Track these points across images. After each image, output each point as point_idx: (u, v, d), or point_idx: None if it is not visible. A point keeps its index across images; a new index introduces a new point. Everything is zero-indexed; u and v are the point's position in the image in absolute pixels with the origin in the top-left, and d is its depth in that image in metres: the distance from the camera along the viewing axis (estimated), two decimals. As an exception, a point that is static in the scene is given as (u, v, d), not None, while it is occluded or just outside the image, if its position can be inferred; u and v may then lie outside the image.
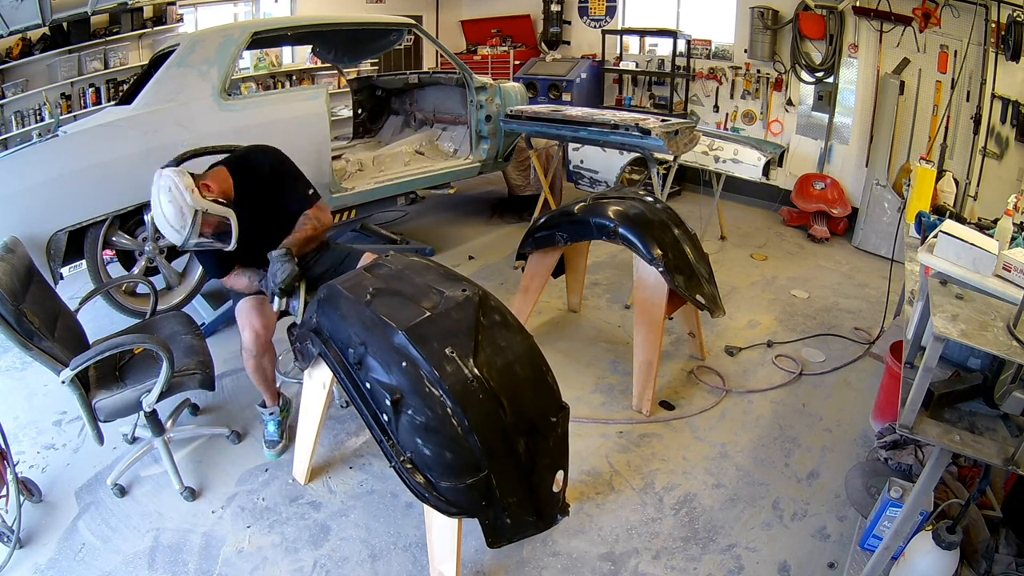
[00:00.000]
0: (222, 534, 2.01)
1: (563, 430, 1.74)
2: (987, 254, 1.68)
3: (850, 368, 3.02)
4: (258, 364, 2.26)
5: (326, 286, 1.90)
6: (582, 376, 2.89)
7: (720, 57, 5.64)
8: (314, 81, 6.75)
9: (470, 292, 1.75)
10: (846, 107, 4.89)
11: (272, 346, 2.31)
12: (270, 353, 2.30)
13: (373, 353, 1.63)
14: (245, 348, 2.24)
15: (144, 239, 3.09)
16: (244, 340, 2.23)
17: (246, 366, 2.27)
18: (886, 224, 4.38)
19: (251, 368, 2.27)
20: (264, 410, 2.39)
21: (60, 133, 2.83)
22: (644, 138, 3.41)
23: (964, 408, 1.45)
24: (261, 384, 2.32)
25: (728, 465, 2.36)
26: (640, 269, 2.54)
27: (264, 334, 2.23)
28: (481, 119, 4.35)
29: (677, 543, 2.01)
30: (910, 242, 2.28)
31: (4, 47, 4.93)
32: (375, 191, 3.88)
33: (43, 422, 2.55)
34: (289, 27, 3.76)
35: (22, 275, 1.94)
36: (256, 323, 2.22)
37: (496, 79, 4.61)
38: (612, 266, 4.14)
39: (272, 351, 2.31)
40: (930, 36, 4.24)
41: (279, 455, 2.36)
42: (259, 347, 2.23)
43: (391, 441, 1.59)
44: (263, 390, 2.35)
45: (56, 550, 1.94)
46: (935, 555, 1.53)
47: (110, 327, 2.51)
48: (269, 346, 2.28)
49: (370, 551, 1.96)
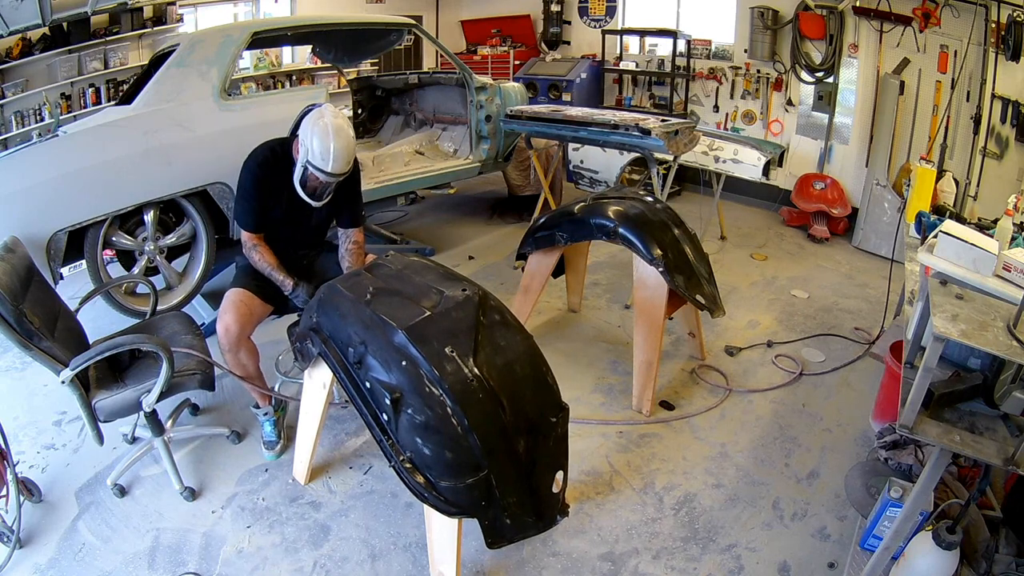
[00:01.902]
0: (222, 534, 2.01)
1: (563, 430, 1.74)
2: (987, 254, 1.68)
3: (850, 368, 3.02)
4: (235, 360, 2.22)
5: (326, 285, 1.90)
6: (582, 376, 2.89)
7: (720, 57, 5.64)
8: (314, 81, 6.75)
9: (470, 292, 1.75)
10: (846, 107, 4.90)
11: (249, 343, 2.25)
12: (247, 350, 2.24)
13: (373, 352, 1.63)
14: (219, 342, 2.20)
15: (144, 239, 3.09)
16: (218, 333, 2.21)
17: (226, 362, 2.24)
18: (886, 224, 4.38)
19: (229, 363, 2.23)
20: (258, 411, 2.38)
21: (60, 133, 2.83)
22: (644, 138, 3.42)
23: (964, 408, 1.45)
24: (246, 383, 2.28)
25: (728, 465, 2.36)
26: (640, 269, 2.54)
27: (235, 330, 2.18)
28: (481, 119, 4.35)
29: (677, 543, 2.01)
30: (910, 242, 2.28)
31: (4, 47, 4.93)
32: (375, 191, 3.87)
33: (43, 422, 2.55)
34: (289, 27, 3.76)
35: (22, 275, 1.94)
36: (229, 318, 2.18)
37: (496, 79, 4.60)
38: (612, 266, 4.14)
39: (250, 348, 2.25)
40: (930, 36, 4.24)
41: (278, 456, 2.36)
42: (228, 342, 2.18)
43: (391, 440, 1.59)
44: (249, 389, 2.33)
45: (56, 550, 1.94)
46: (935, 555, 1.53)
47: (110, 327, 2.51)
48: (244, 343, 2.22)
49: (370, 551, 1.96)
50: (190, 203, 3.11)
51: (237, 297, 2.24)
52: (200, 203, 3.14)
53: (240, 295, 2.25)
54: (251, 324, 2.26)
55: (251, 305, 2.25)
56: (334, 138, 2.10)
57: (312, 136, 2.11)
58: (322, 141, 2.10)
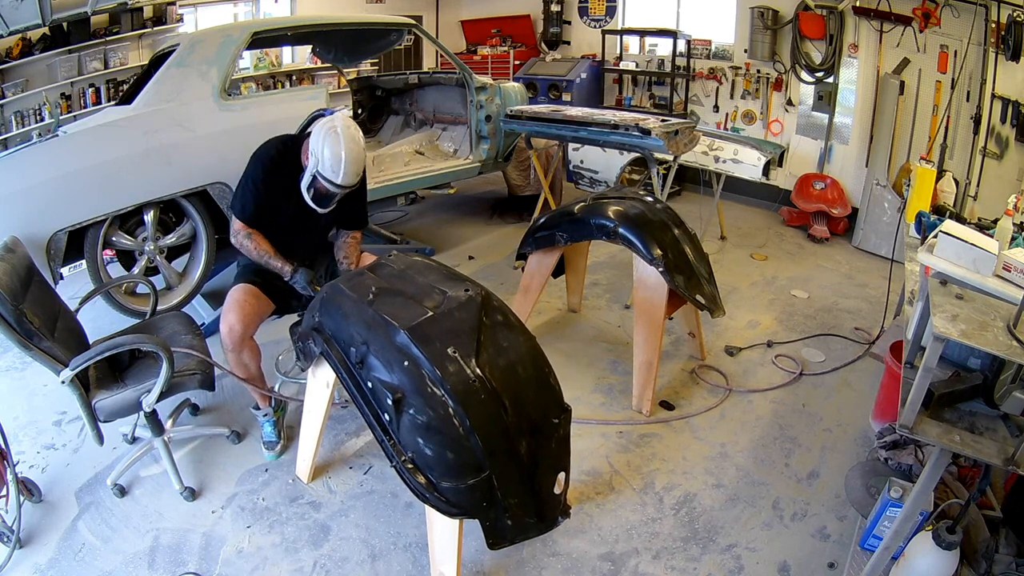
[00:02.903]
0: (222, 534, 2.01)
1: (565, 431, 1.73)
2: (987, 254, 1.69)
3: (850, 368, 3.02)
4: (237, 360, 2.21)
5: (328, 285, 1.90)
6: (582, 376, 2.89)
7: (720, 57, 5.64)
8: (314, 81, 6.74)
9: (473, 292, 1.75)
10: (846, 107, 4.90)
11: (252, 343, 2.24)
12: (250, 350, 2.23)
13: (375, 352, 1.63)
14: (221, 341, 2.19)
15: (144, 239, 3.09)
16: (221, 332, 2.19)
17: (228, 361, 2.23)
18: (886, 224, 4.38)
19: (232, 363, 2.22)
20: (257, 412, 2.38)
21: (60, 133, 2.83)
22: (644, 138, 3.42)
23: (964, 408, 1.45)
24: (247, 384, 2.27)
25: (728, 465, 2.36)
26: (640, 269, 2.54)
27: (239, 330, 2.16)
28: (481, 119, 4.35)
29: (677, 543, 2.01)
30: (910, 242, 2.28)
31: (4, 47, 4.93)
32: (375, 191, 3.87)
33: (43, 422, 2.55)
34: (289, 27, 3.76)
35: (22, 275, 1.94)
36: (233, 318, 2.17)
37: (496, 79, 4.61)
38: (612, 266, 4.14)
39: (252, 348, 2.24)
40: (930, 36, 4.24)
41: (278, 456, 2.36)
42: (232, 342, 2.17)
43: (392, 441, 1.59)
44: (250, 390, 2.32)
45: (56, 550, 1.94)
46: (935, 555, 1.53)
47: (110, 327, 2.51)
48: (247, 343, 2.21)
49: (370, 551, 1.96)
50: (190, 203, 3.11)
51: (241, 295, 2.23)
52: (200, 203, 3.14)
53: (244, 292, 2.24)
54: (255, 323, 2.25)
55: (255, 304, 2.24)
56: (345, 151, 2.07)
57: (324, 146, 2.07)
58: (333, 152, 2.06)
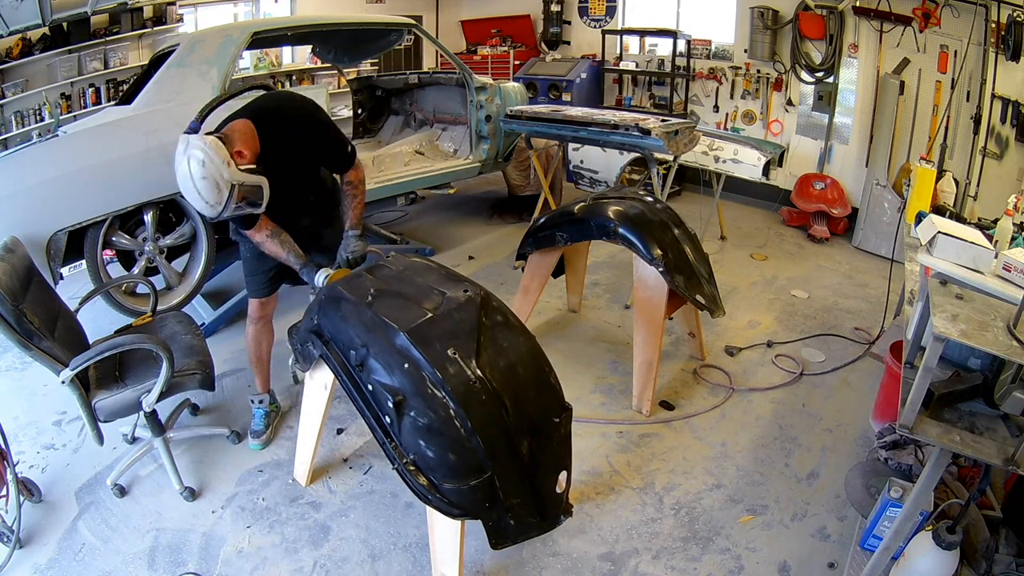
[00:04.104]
0: (222, 534, 2.01)
1: (566, 431, 1.73)
2: (987, 253, 1.69)
3: (850, 368, 3.03)
4: (255, 331, 2.40)
5: (327, 287, 1.90)
6: (582, 376, 2.89)
7: (720, 57, 5.63)
8: (314, 81, 6.75)
9: (472, 293, 1.75)
10: (846, 107, 4.90)
11: (271, 325, 2.45)
12: (267, 331, 2.43)
13: (375, 355, 1.62)
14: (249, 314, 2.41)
15: (144, 239, 3.08)
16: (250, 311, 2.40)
17: (246, 332, 2.42)
18: (886, 224, 4.38)
19: (249, 336, 2.41)
20: (255, 397, 2.45)
21: (60, 133, 2.83)
22: (644, 138, 3.42)
23: (964, 408, 1.45)
24: (255, 360, 2.45)
25: (728, 465, 2.36)
26: (640, 269, 2.54)
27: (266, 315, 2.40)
28: (481, 119, 4.35)
29: (677, 543, 2.01)
30: (910, 242, 2.28)
31: (4, 47, 4.93)
32: (375, 191, 3.87)
33: (43, 422, 2.55)
34: (289, 27, 3.76)
35: (22, 275, 1.94)
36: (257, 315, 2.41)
37: (496, 79, 4.60)
38: (612, 266, 4.14)
39: (270, 329, 2.44)
40: (930, 36, 4.24)
41: (263, 446, 2.39)
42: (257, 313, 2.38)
43: (394, 443, 1.59)
44: (256, 370, 2.47)
45: (56, 550, 1.94)
46: (935, 555, 1.53)
47: (110, 327, 2.50)
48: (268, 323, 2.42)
49: (370, 551, 1.96)
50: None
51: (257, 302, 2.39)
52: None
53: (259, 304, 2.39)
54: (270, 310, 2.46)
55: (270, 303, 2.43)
56: (187, 193, 1.89)
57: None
58: (183, 187, 1.89)
